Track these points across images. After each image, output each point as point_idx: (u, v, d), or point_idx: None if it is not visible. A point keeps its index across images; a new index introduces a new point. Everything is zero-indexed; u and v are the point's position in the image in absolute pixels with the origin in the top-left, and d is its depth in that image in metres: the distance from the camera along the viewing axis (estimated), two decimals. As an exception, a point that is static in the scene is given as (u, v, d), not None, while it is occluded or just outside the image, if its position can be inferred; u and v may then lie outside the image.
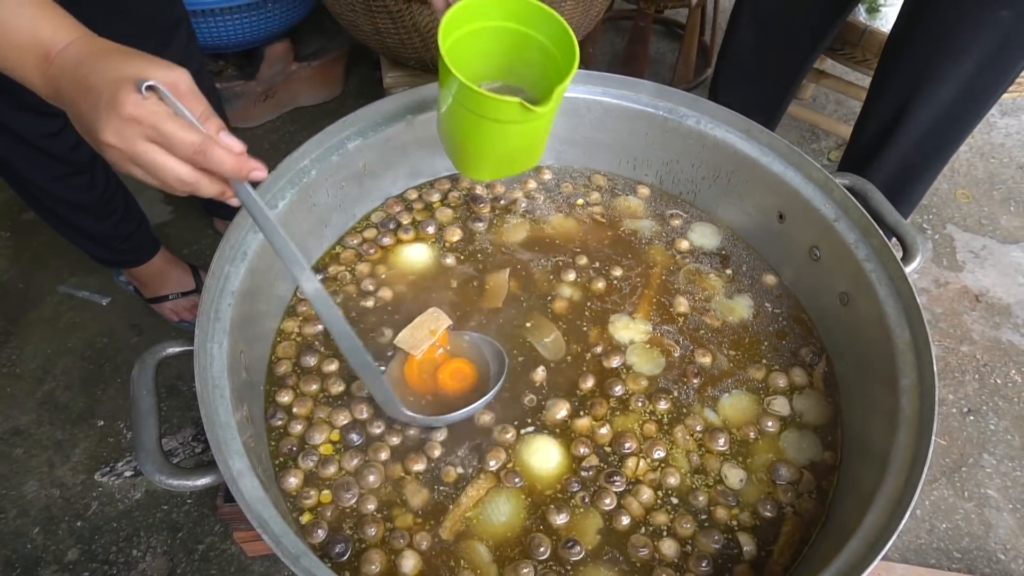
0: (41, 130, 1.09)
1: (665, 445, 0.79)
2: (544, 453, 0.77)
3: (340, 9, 1.25)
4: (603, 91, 0.99)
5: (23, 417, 1.35)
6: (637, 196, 1.04)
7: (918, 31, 0.99)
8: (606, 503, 0.74)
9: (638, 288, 0.93)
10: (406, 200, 1.02)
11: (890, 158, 1.10)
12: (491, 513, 0.74)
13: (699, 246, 0.99)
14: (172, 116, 0.56)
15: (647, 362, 0.86)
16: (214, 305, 0.74)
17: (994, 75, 0.98)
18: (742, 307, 0.92)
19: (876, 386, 0.76)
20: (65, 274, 1.57)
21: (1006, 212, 1.81)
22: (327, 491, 0.74)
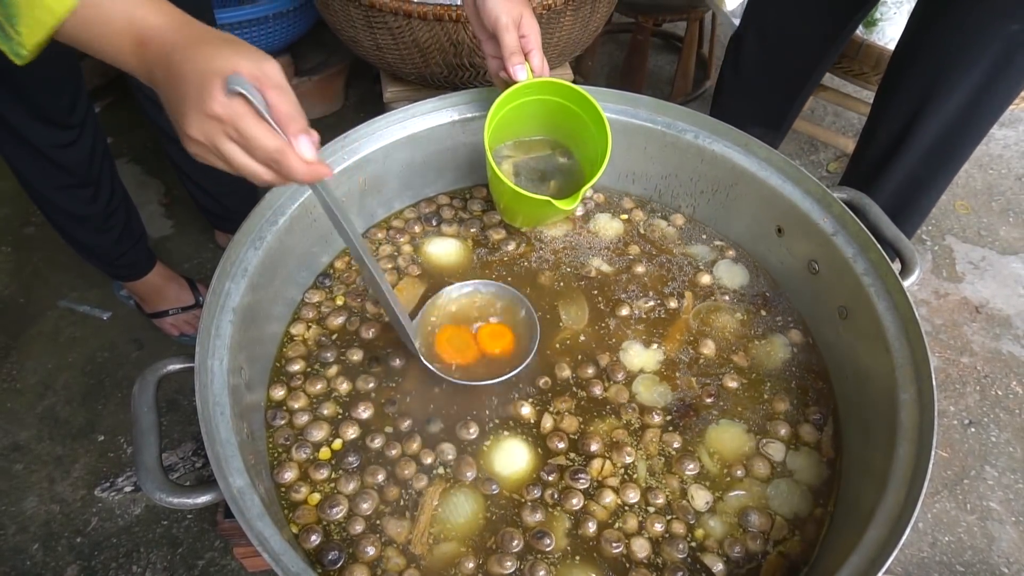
0: (53, 140, 1.10)
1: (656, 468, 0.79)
2: (515, 456, 0.78)
3: (340, 25, 1.26)
4: (602, 106, 0.98)
5: (23, 432, 1.35)
6: (672, 224, 1.03)
7: (925, 45, 1.00)
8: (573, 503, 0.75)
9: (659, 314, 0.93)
10: (406, 218, 1.02)
11: (897, 172, 1.11)
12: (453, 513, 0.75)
13: (725, 285, 0.96)
14: (255, 118, 0.56)
15: (652, 386, 0.86)
16: (215, 322, 0.74)
17: (1002, 89, 0.98)
18: (760, 349, 0.90)
19: (875, 400, 0.76)
20: (66, 289, 1.58)
21: (1005, 223, 1.82)
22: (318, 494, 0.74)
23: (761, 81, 1.36)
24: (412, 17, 1.13)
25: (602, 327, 0.91)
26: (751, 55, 1.33)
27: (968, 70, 0.96)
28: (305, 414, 0.80)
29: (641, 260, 0.98)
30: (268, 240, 0.83)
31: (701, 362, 0.88)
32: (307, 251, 0.91)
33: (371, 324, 0.88)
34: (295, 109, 0.58)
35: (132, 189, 1.76)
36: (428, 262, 0.97)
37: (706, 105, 2.13)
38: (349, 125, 0.95)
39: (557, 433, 0.79)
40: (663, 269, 0.98)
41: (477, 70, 1.25)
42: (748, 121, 1.40)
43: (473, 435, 0.79)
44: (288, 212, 0.86)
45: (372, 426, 0.80)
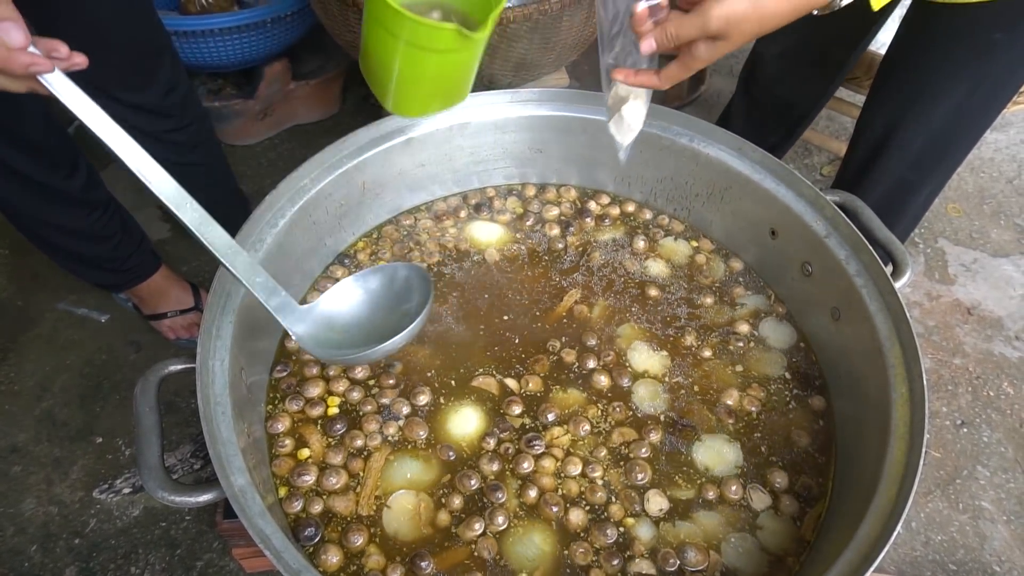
0: (49, 177, 1.12)
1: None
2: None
3: (338, 29, 1.27)
4: (597, 111, 1.01)
5: (21, 435, 1.35)
6: (700, 252, 1.02)
7: (912, 52, 1.01)
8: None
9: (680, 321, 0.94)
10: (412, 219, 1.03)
11: (884, 176, 1.12)
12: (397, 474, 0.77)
13: (766, 341, 0.93)
14: None
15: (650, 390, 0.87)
16: (215, 323, 0.75)
17: (988, 96, 1.00)
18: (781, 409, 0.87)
19: (868, 399, 0.78)
20: (64, 291, 1.58)
21: (996, 226, 1.83)
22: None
23: (775, 104, 1.38)
24: (410, 22, 1.14)
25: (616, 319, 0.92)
26: (766, 80, 1.35)
27: (952, 77, 0.98)
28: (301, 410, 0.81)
29: (699, 295, 0.97)
30: (268, 242, 0.84)
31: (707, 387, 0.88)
32: (306, 253, 0.92)
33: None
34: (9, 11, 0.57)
35: (129, 194, 1.77)
36: (459, 248, 1.01)
37: (701, 110, 2.15)
38: (346, 129, 0.96)
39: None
40: (715, 309, 0.96)
41: (474, 74, 1.26)
42: (758, 142, 1.42)
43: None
44: (288, 215, 0.87)
45: (366, 417, 0.81)
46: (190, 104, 1.28)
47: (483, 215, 1.05)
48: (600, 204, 1.08)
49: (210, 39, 1.58)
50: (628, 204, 1.08)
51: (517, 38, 1.20)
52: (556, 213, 1.06)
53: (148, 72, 1.17)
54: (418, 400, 0.84)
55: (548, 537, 0.74)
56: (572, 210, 1.07)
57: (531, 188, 1.08)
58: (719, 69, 2.30)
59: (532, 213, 1.06)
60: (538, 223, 1.04)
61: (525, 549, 0.73)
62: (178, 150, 1.30)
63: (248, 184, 1.81)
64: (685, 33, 0.69)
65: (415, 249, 1.00)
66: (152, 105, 1.21)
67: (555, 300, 0.95)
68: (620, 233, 1.04)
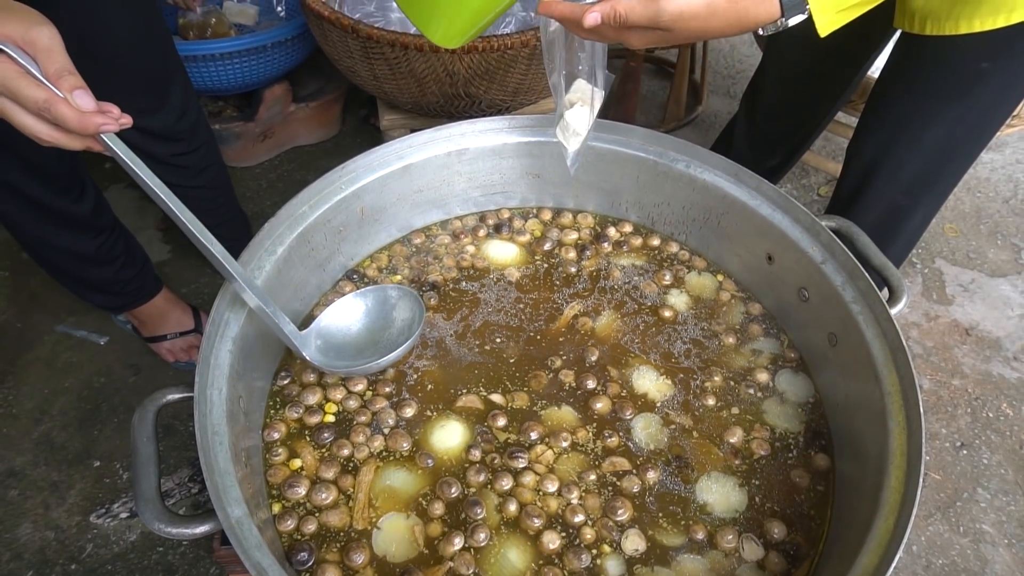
0: (57, 203, 1.13)
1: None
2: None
3: (339, 56, 1.28)
4: (595, 136, 1.01)
5: (19, 458, 1.35)
6: (722, 289, 1.00)
7: (902, 78, 1.03)
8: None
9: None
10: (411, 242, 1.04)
11: (876, 199, 1.13)
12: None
13: (782, 393, 0.89)
14: (21, 74, 0.59)
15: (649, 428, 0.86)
16: (214, 351, 0.75)
17: (978, 123, 1.01)
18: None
19: (866, 428, 0.78)
20: (63, 313, 1.58)
21: (993, 246, 1.84)
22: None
23: (777, 128, 1.39)
24: (409, 48, 1.16)
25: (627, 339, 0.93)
26: (768, 104, 1.37)
27: (942, 104, 0.99)
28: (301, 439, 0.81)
29: (718, 334, 0.95)
30: (267, 269, 0.85)
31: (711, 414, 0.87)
32: (305, 279, 0.93)
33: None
34: (65, 68, 0.61)
35: (130, 215, 1.78)
36: (475, 266, 1.02)
37: (698, 130, 2.17)
38: (346, 150, 0.97)
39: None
40: (732, 349, 0.94)
41: (472, 99, 1.27)
42: (759, 166, 1.44)
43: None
44: (287, 241, 0.88)
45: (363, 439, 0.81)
46: (200, 128, 1.30)
47: (479, 235, 1.06)
48: (622, 232, 1.07)
49: (212, 63, 1.60)
50: (652, 237, 1.07)
51: (515, 63, 1.21)
52: (556, 234, 1.06)
53: (161, 96, 1.18)
54: (405, 412, 0.84)
55: (524, 553, 0.73)
56: (590, 235, 1.07)
57: (526, 211, 1.09)
58: (716, 90, 2.32)
59: (525, 232, 1.06)
60: (541, 242, 1.05)
61: (501, 567, 0.73)
62: (186, 173, 1.31)
63: (248, 205, 1.82)
64: (634, 18, 0.69)
65: (405, 268, 1.00)
66: (163, 129, 1.22)
67: (563, 319, 0.95)
68: (640, 260, 1.04)
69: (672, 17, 0.67)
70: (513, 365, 0.90)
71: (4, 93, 0.60)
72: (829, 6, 0.68)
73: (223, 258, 0.73)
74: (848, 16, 0.71)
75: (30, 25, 0.60)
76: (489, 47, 1.15)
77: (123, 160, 0.66)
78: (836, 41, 0.76)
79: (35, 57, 0.60)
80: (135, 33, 1.09)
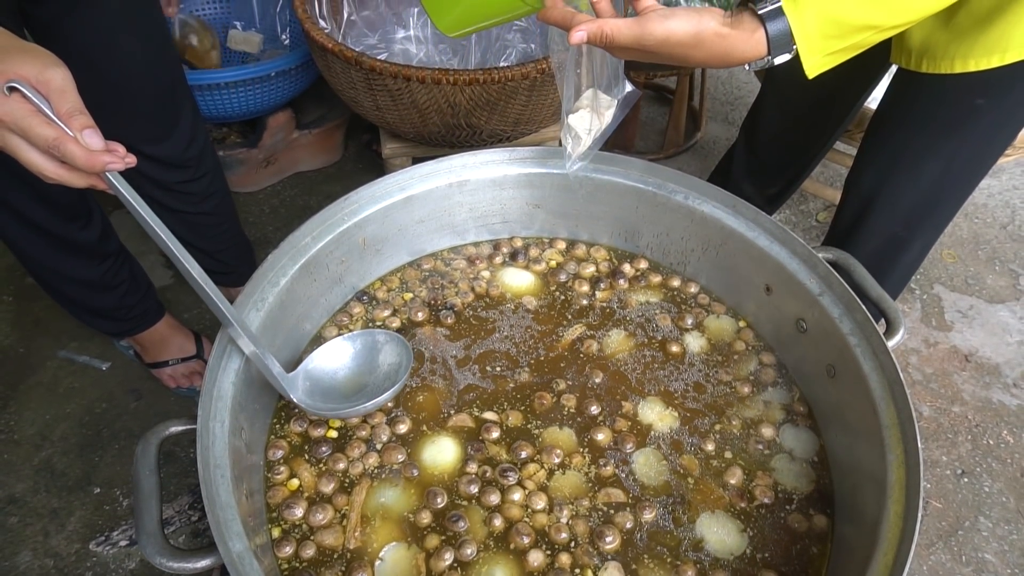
0: (64, 229, 1.14)
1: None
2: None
3: (341, 86, 1.30)
4: (595, 168, 1.03)
5: (19, 485, 1.35)
6: (740, 338, 0.99)
7: (898, 112, 1.04)
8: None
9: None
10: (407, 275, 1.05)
11: (873, 231, 1.14)
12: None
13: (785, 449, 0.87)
14: (33, 112, 0.61)
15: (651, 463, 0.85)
16: (217, 383, 0.76)
17: (974, 157, 1.02)
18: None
19: (864, 460, 0.78)
20: (66, 339, 1.59)
21: (991, 272, 1.85)
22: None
23: (776, 158, 1.41)
24: (411, 80, 1.18)
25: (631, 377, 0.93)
26: (768, 135, 1.38)
27: (938, 139, 1.00)
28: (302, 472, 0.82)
29: (733, 382, 0.94)
30: (269, 301, 0.86)
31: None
32: (307, 311, 0.94)
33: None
34: (77, 108, 0.63)
35: (133, 240, 1.79)
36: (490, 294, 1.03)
37: (697, 156, 2.19)
38: (348, 175, 0.98)
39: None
40: (740, 396, 0.92)
41: (474, 129, 1.29)
42: (759, 195, 1.45)
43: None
44: (289, 273, 0.89)
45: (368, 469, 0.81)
46: (207, 156, 1.31)
47: (485, 263, 1.07)
48: (636, 268, 1.07)
49: (217, 92, 1.62)
50: (672, 278, 1.06)
51: (516, 95, 1.23)
52: (574, 267, 1.07)
53: (170, 124, 1.20)
54: (399, 428, 0.86)
55: (510, 573, 0.74)
56: (608, 268, 1.08)
57: (528, 240, 1.10)
58: (715, 116, 2.35)
59: (542, 260, 1.07)
60: (556, 272, 1.06)
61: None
62: (191, 200, 1.32)
63: (251, 230, 1.83)
64: (620, 39, 0.70)
65: (423, 289, 1.01)
66: (171, 157, 1.23)
67: (572, 349, 0.96)
68: (655, 297, 1.04)
69: (658, 42, 0.69)
70: (520, 388, 0.91)
71: (15, 130, 0.61)
72: (817, 48, 0.69)
73: (220, 300, 0.73)
74: (836, 60, 0.72)
75: (45, 66, 0.62)
76: (490, 79, 1.17)
77: (126, 199, 0.67)
78: (834, 74, 0.77)
79: (48, 96, 0.62)
80: (147, 63, 1.11)
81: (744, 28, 0.69)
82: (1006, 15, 0.83)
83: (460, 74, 1.17)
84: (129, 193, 0.67)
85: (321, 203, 1.91)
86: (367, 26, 1.50)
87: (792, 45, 0.69)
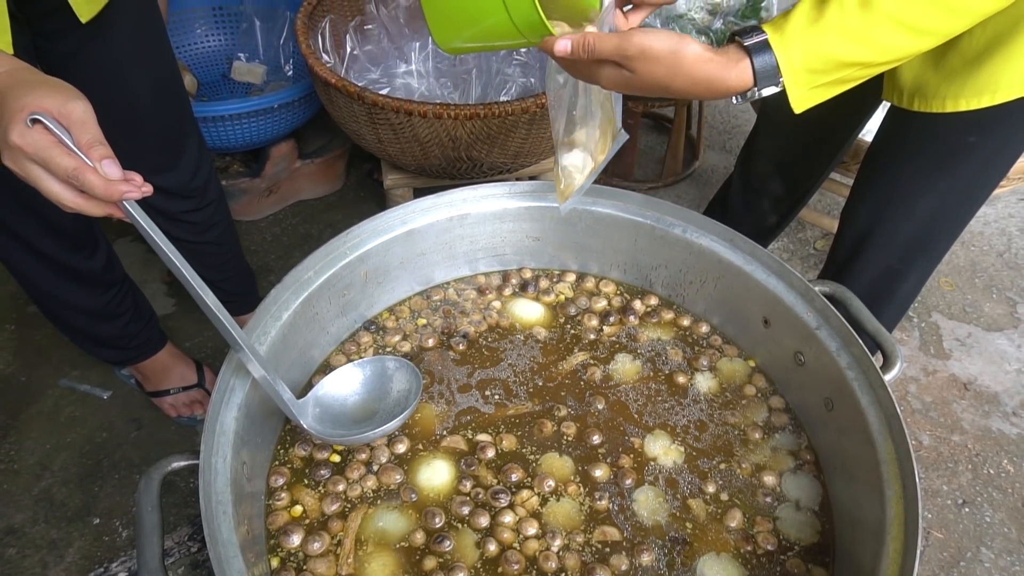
0: (69, 258, 1.16)
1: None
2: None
3: (344, 120, 1.32)
4: (594, 201, 1.04)
5: (18, 515, 1.34)
6: (752, 383, 0.98)
7: (891, 148, 1.06)
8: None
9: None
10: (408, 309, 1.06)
11: (869, 264, 1.15)
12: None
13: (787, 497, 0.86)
14: (54, 143, 0.63)
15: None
16: (219, 418, 0.76)
17: (967, 192, 1.04)
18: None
19: (862, 494, 0.78)
20: (67, 367, 1.60)
21: (989, 300, 1.86)
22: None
23: (771, 190, 1.42)
24: (413, 115, 1.20)
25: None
26: (762, 168, 1.40)
27: (930, 174, 1.02)
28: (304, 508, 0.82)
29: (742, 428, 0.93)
30: (272, 335, 0.86)
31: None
32: (309, 344, 0.95)
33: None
34: (97, 139, 0.64)
35: (136, 268, 1.81)
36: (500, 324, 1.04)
37: (695, 184, 2.21)
38: (350, 204, 1.00)
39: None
40: (755, 443, 0.91)
41: (474, 162, 1.31)
42: (756, 225, 1.47)
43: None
44: (292, 307, 0.90)
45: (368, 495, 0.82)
46: (211, 186, 1.33)
47: (491, 295, 1.08)
48: (647, 304, 1.07)
49: (221, 124, 1.64)
50: (683, 317, 1.06)
51: (515, 129, 1.25)
52: (586, 302, 1.08)
53: (176, 155, 1.22)
54: (397, 448, 0.87)
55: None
56: (622, 303, 1.08)
57: (527, 272, 1.11)
58: (712, 145, 2.37)
59: (551, 291, 1.09)
60: (565, 306, 1.07)
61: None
62: (195, 229, 1.33)
63: (253, 258, 1.84)
64: (601, 47, 0.71)
65: (437, 319, 1.02)
66: (177, 187, 1.25)
67: (573, 376, 0.97)
68: (667, 335, 1.04)
69: (637, 51, 0.69)
70: (522, 416, 0.92)
71: (36, 160, 0.63)
72: (803, 82, 0.70)
73: (232, 327, 0.74)
74: (823, 94, 0.72)
75: (67, 99, 0.64)
76: (491, 113, 1.19)
77: (142, 227, 0.68)
78: (827, 108, 0.78)
79: (69, 128, 0.64)
80: (155, 96, 1.13)
81: (729, 56, 0.70)
82: (994, 57, 0.85)
83: (461, 109, 1.19)
84: (145, 221, 0.68)
85: (322, 231, 1.93)
86: (369, 60, 1.53)
87: (778, 77, 0.69)
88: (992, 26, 0.83)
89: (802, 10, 0.69)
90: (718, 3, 1.80)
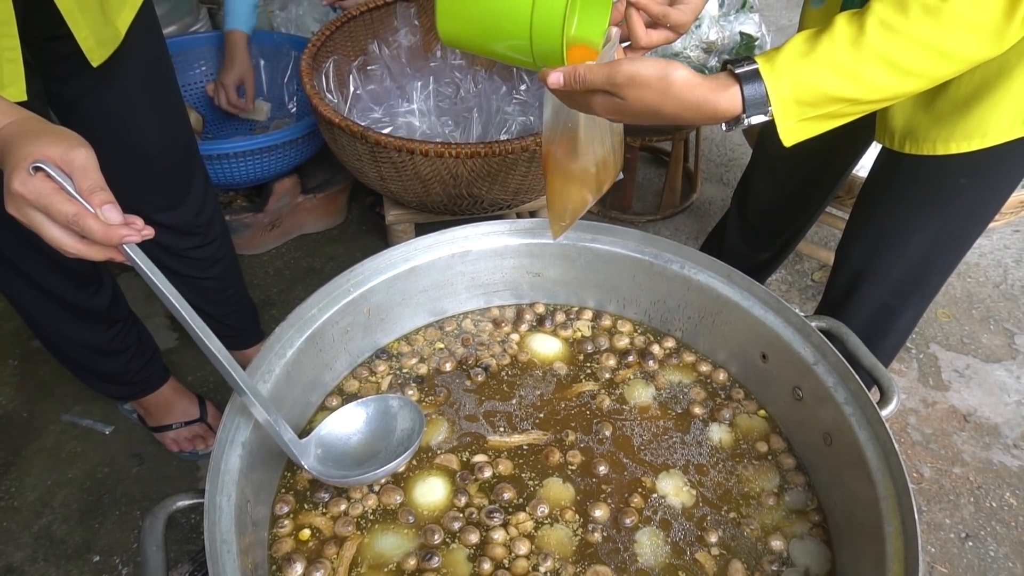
0: (75, 295, 1.17)
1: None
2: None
3: (347, 157, 1.35)
4: (592, 238, 1.06)
5: (18, 553, 1.34)
6: (768, 442, 0.96)
7: (884, 188, 1.08)
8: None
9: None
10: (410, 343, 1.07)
11: (864, 300, 1.17)
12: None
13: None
14: (55, 191, 0.64)
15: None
16: (224, 457, 0.77)
17: (960, 231, 1.06)
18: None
19: (862, 532, 0.79)
20: (70, 402, 1.60)
21: (986, 331, 1.87)
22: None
23: (767, 225, 1.44)
24: (415, 153, 1.22)
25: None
26: (758, 204, 1.42)
27: (923, 214, 1.04)
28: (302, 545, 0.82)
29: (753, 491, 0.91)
30: (276, 373, 0.87)
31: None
32: (312, 381, 0.96)
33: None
34: (98, 184, 0.66)
35: (138, 302, 1.82)
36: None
37: (693, 217, 2.23)
38: (351, 237, 1.01)
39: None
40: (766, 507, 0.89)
41: (475, 199, 1.33)
42: (753, 259, 1.49)
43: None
44: (296, 344, 0.91)
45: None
46: (216, 222, 1.35)
47: (506, 327, 1.09)
48: (664, 348, 1.07)
49: (226, 161, 1.67)
50: (702, 363, 1.05)
51: (516, 166, 1.27)
52: (606, 343, 1.08)
53: (182, 193, 1.24)
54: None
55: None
56: (644, 343, 1.08)
57: (526, 309, 1.13)
58: (709, 177, 2.40)
59: (568, 326, 1.10)
60: (583, 343, 1.08)
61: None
62: (199, 266, 1.35)
63: (255, 292, 1.86)
64: (592, 78, 0.73)
65: (459, 347, 1.03)
66: (182, 224, 1.26)
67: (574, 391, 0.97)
68: (688, 378, 1.04)
69: (625, 79, 0.71)
70: (534, 448, 0.93)
71: (38, 207, 0.65)
72: (791, 113, 0.71)
73: (234, 371, 0.75)
74: (812, 128, 0.73)
75: (70, 147, 0.66)
76: (491, 152, 1.22)
77: (142, 270, 0.69)
78: (821, 144, 0.79)
79: (71, 175, 0.66)
80: (162, 136, 1.16)
81: (719, 82, 0.71)
82: (983, 102, 0.87)
83: (462, 147, 1.21)
84: (145, 264, 0.69)
85: (324, 264, 1.95)
86: (372, 99, 1.56)
87: (767, 106, 0.70)
88: (980, 72, 0.86)
89: (794, 44, 0.70)
90: (713, 42, 1.84)
